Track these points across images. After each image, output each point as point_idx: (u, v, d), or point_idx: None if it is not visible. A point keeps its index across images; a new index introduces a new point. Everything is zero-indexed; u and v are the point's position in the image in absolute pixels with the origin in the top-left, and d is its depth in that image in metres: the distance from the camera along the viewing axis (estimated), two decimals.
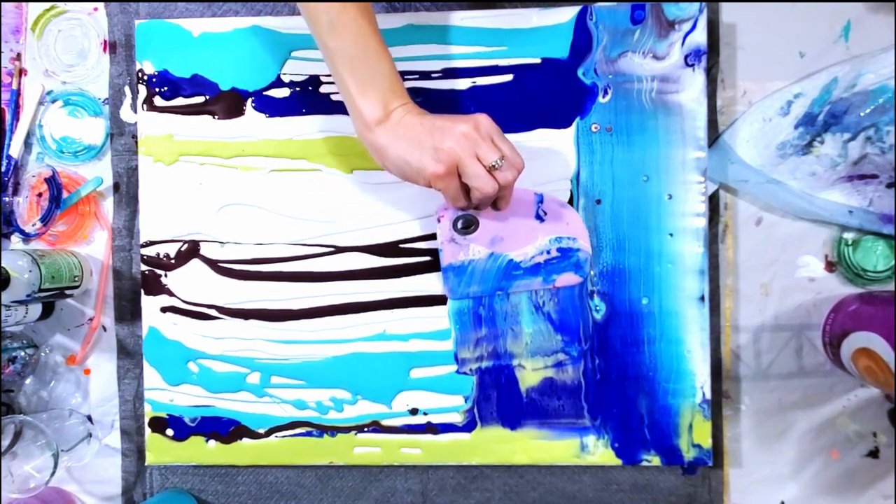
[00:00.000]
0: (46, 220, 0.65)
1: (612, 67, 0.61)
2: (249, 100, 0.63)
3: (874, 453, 0.62)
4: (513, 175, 0.53)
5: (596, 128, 0.61)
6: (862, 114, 0.59)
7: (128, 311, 0.66)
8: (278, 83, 0.63)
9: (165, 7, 0.65)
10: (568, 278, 0.61)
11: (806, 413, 0.62)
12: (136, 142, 0.65)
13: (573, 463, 0.62)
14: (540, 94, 0.61)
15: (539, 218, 0.60)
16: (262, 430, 0.64)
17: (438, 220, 0.60)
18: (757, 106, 0.61)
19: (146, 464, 0.65)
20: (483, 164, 0.51)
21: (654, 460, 0.61)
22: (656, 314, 0.61)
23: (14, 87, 0.66)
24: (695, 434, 0.61)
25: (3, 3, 0.66)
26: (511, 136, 0.58)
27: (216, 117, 0.63)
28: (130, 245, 0.66)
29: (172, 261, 0.64)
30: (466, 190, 0.53)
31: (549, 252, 0.60)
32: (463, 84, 0.62)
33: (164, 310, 0.64)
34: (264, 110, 0.63)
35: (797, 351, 0.62)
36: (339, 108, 0.63)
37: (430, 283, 0.62)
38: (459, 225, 0.60)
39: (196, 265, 0.64)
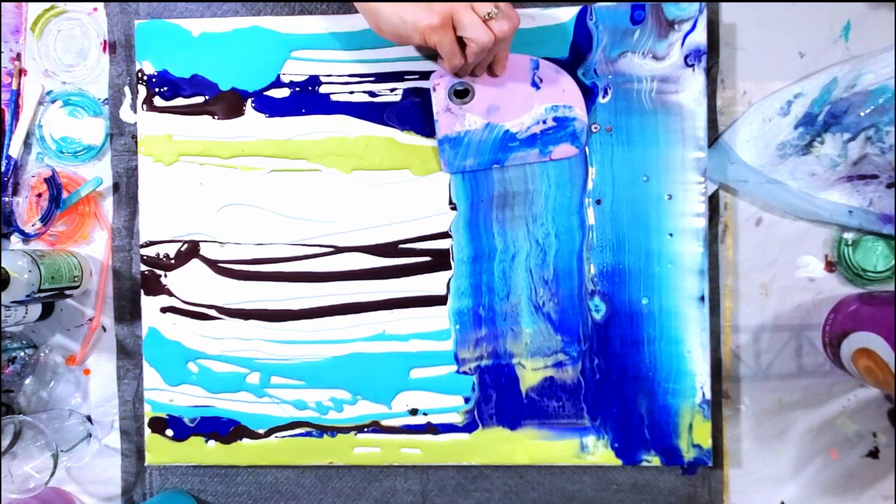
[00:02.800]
0: (46, 220, 0.65)
1: (612, 68, 0.61)
2: (249, 100, 0.63)
3: (874, 453, 0.62)
4: (508, 26, 0.52)
5: (596, 128, 0.61)
6: (862, 114, 0.59)
7: (127, 312, 0.66)
8: (278, 83, 0.63)
9: (165, 7, 0.65)
10: (565, 150, 0.60)
11: (806, 413, 0.62)
12: (136, 142, 0.65)
13: (573, 463, 0.62)
14: None
15: (535, 85, 0.60)
16: (261, 431, 0.64)
17: (434, 89, 0.60)
18: (757, 106, 0.61)
19: (146, 464, 0.65)
20: (477, 13, 0.51)
21: (654, 460, 0.61)
22: (656, 314, 0.61)
23: (14, 87, 0.66)
24: (695, 434, 0.61)
25: (3, 3, 0.66)
26: None
27: (216, 117, 0.63)
28: (130, 245, 0.66)
29: (172, 261, 0.64)
30: (463, 48, 0.53)
31: (545, 122, 0.60)
32: None
33: (163, 310, 0.64)
34: (264, 110, 0.63)
35: (797, 351, 0.62)
36: (339, 108, 0.63)
37: (430, 284, 0.62)
38: (455, 94, 0.59)
39: (196, 265, 0.64)
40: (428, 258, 0.62)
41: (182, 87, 0.64)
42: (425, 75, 0.62)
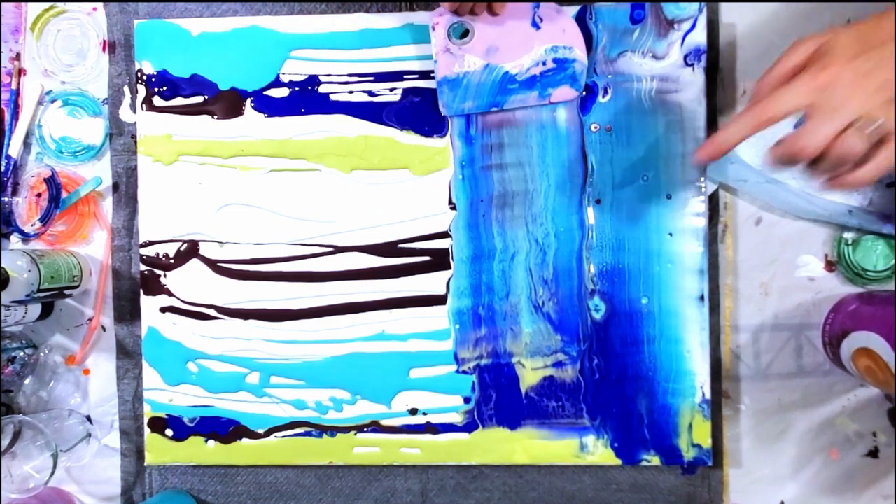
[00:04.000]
0: (46, 220, 0.65)
1: (612, 67, 0.61)
2: (248, 100, 0.63)
3: (874, 453, 0.62)
4: None
5: (595, 127, 0.61)
6: None
7: (127, 311, 0.66)
8: (277, 83, 0.63)
9: (165, 7, 0.65)
10: (564, 92, 0.60)
11: (806, 413, 0.62)
12: (136, 142, 0.65)
13: (573, 463, 0.62)
14: None
15: (535, 25, 0.59)
16: (261, 431, 0.64)
17: (433, 28, 0.60)
18: None
19: (145, 464, 0.65)
20: None
21: (654, 460, 0.61)
22: (656, 314, 0.61)
23: (13, 87, 0.66)
24: (694, 434, 0.61)
25: (2, 3, 0.66)
26: None
27: (215, 117, 0.63)
28: (130, 245, 0.66)
29: (172, 261, 0.64)
30: None
31: (544, 63, 0.59)
32: None
33: (163, 310, 0.64)
34: (263, 110, 0.63)
35: (797, 351, 0.62)
36: (338, 108, 0.63)
37: (429, 283, 0.62)
38: (454, 34, 0.59)
39: (195, 265, 0.64)
40: (427, 258, 0.62)
41: (181, 86, 0.64)
42: (425, 75, 0.62)
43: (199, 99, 0.63)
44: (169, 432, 0.64)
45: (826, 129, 0.43)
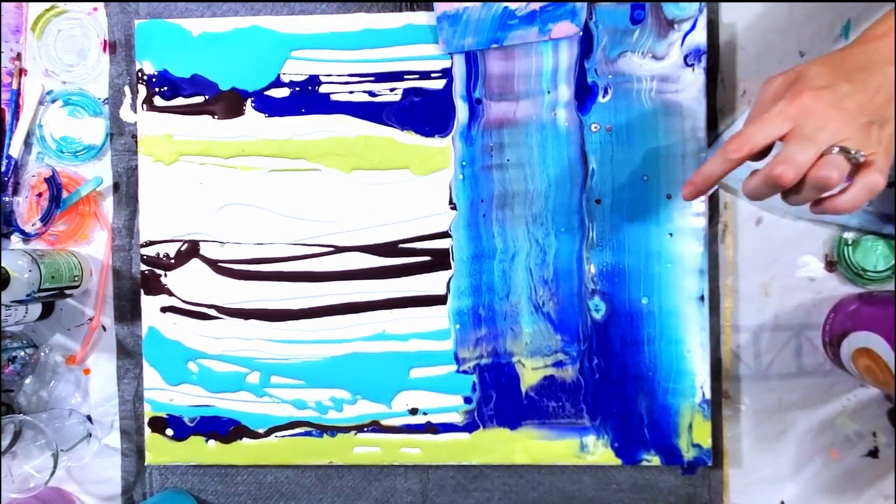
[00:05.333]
0: (46, 219, 0.65)
1: (612, 67, 0.61)
2: (249, 100, 0.63)
3: (874, 453, 0.62)
4: None
5: (596, 128, 0.61)
6: None
7: (128, 311, 0.66)
8: (278, 83, 0.63)
9: (165, 7, 0.65)
10: (564, 28, 0.59)
11: (806, 413, 0.62)
12: (136, 142, 0.65)
13: (573, 463, 0.62)
14: None
15: None
16: (261, 430, 0.64)
17: None
18: None
19: (146, 464, 0.65)
20: None
21: (654, 460, 0.61)
22: (656, 314, 0.61)
23: (14, 87, 0.66)
24: (694, 434, 0.61)
25: (3, 3, 0.66)
26: None
27: (216, 117, 0.63)
28: (130, 245, 0.66)
29: (172, 261, 0.64)
30: None
31: None
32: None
33: (163, 310, 0.64)
34: (264, 110, 0.63)
35: (797, 351, 0.62)
36: (339, 108, 0.63)
37: (429, 283, 0.62)
38: None
39: (196, 265, 0.64)
40: (428, 258, 0.63)
41: (182, 86, 0.64)
42: (425, 75, 0.62)
43: (199, 99, 0.64)
44: (169, 432, 0.64)
45: (802, 157, 0.43)
